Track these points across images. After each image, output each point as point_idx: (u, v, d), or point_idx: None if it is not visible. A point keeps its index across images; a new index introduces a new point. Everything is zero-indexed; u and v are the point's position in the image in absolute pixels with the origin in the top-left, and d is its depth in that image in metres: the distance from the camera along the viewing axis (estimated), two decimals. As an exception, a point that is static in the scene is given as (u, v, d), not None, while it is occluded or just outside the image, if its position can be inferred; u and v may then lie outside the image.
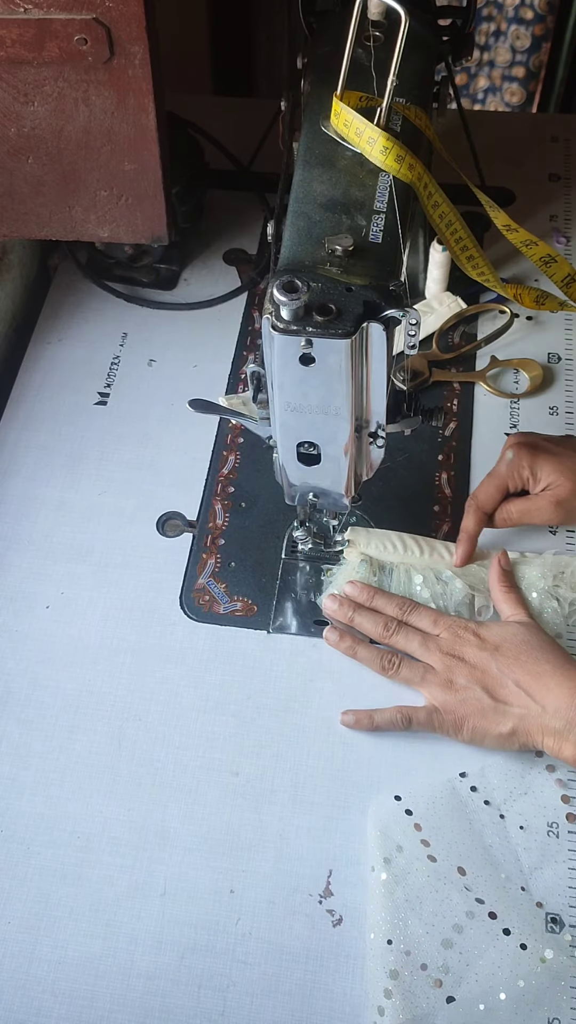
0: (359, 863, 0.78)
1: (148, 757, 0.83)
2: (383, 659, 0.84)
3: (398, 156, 0.70)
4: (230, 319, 1.11)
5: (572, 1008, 0.72)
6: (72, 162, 0.93)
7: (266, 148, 1.16)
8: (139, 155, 0.92)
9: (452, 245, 0.78)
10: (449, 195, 0.75)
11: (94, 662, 0.88)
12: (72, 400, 1.05)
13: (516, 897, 0.75)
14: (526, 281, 1.11)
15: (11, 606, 0.91)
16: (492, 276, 0.78)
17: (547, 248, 0.79)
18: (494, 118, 1.53)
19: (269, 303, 0.65)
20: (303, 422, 0.73)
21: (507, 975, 0.71)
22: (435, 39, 0.88)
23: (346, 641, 0.86)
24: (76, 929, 0.76)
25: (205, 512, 0.97)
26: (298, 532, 0.91)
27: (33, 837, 0.80)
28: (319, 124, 0.75)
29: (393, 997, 0.71)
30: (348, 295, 0.66)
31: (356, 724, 0.83)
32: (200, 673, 0.87)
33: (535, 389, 1.03)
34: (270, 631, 0.89)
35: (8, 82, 0.86)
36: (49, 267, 1.16)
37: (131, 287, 1.14)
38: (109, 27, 0.82)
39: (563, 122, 1.33)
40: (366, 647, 0.86)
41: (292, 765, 0.83)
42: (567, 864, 0.77)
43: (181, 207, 1.09)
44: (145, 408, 1.04)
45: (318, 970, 0.74)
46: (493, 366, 1.05)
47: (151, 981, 0.74)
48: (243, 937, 0.76)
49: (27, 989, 0.74)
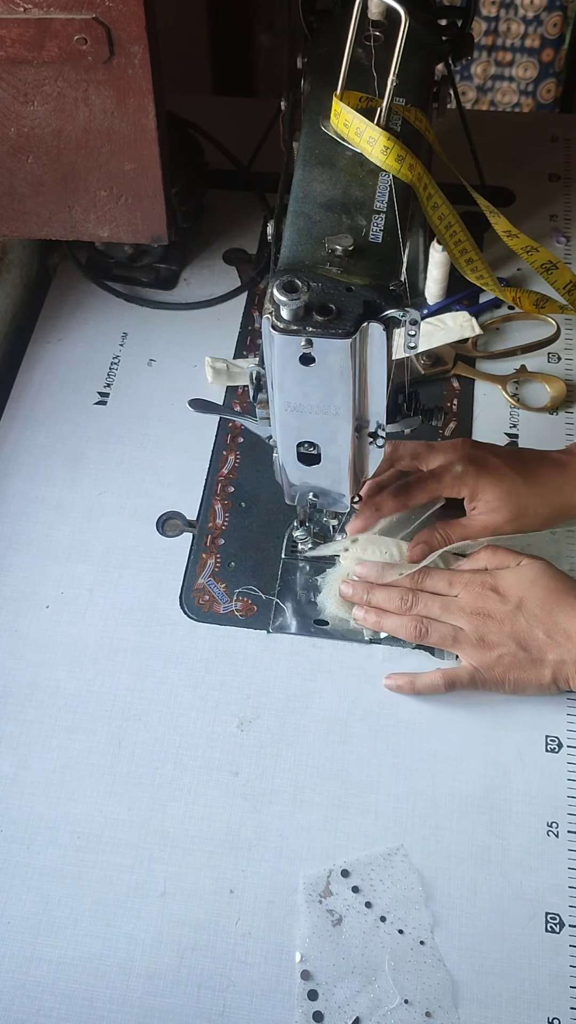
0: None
1: (148, 757, 0.83)
2: (412, 625, 0.85)
3: (398, 156, 0.70)
4: (230, 319, 1.11)
5: (572, 1008, 0.72)
6: (72, 162, 0.93)
7: (266, 148, 1.16)
8: (139, 155, 0.92)
9: (451, 248, 0.77)
10: (448, 195, 0.75)
11: (94, 662, 0.88)
12: (72, 400, 1.05)
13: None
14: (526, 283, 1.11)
15: (11, 606, 0.91)
16: (491, 280, 0.78)
17: (548, 254, 0.79)
18: (494, 118, 1.53)
19: (269, 303, 0.65)
20: (303, 422, 0.73)
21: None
22: (435, 39, 0.88)
23: (372, 616, 0.87)
24: (76, 929, 0.76)
25: (205, 512, 0.97)
26: (298, 532, 0.91)
27: (33, 837, 0.80)
28: (319, 124, 0.75)
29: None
30: (348, 295, 0.66)
31: (398, 689, 0.85)
32: (200, 673, 0.87)
33: (554, 407, 1.02)
34: (270, 631, 0.89)
35: (8, 82, 0.86)
36: (49, 267, 1.16)
37: (131, 287, 1.14)
38: (109, 27, 0.82)
39: (563, 122, 1.33)
40: (392, 617, 0.86)
41: (292, 765, 0.83)
42: (567, 864, 0.78)
43: (181, 207, 1.09)
44: (145, 408, 1.04)
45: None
46: (519, 375, 1.04)
47: (151, 981, 0.74)
48: (243, 937, 0.76)
49: (27, 989, 0.74)
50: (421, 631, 0.84)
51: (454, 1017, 0.72)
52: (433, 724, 0.84)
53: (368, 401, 0.72)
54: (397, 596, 0.86)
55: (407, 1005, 0.72)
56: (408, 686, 0.84)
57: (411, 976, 0.73)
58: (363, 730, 0.84)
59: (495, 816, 0.80)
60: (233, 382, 1.05)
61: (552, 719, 0.84)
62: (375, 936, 0.75)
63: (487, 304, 1.09)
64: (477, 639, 0.82)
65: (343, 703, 0.85)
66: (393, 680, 0.85)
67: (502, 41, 1.71)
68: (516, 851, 0.78)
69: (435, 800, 0.81)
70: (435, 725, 0.84)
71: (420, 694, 0.84)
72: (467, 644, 0.83)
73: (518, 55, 1.72)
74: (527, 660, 0.82)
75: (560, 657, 0.81)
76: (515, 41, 1.71)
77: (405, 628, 0.85)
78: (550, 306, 0.80)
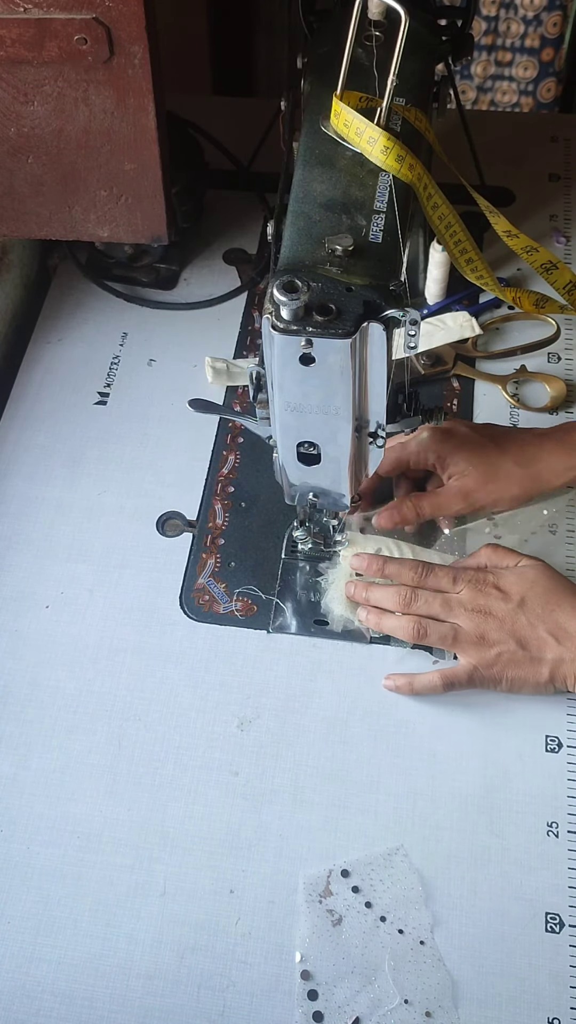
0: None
1: (148, 757, 0.83)
2: (410, 626, 0.84)
3: (398, 156, 0.70)
4: (230, 319, 1.11)
5: (572, 1008, 0.72)
6: (72, 162, 0.93)
7: (266, 148, 1.16)
8: (139, 155, 0.92)
9: (451, 248, 0.77)
10: (448, 195, 0.75)
11: (94, 662, 0.88)
12: (72, 400, 1.05)
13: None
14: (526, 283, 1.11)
15: (11, 606, 0.91)
16: (490, 280, 0.78)
17: (548, 254, 0.79)
18: (494, 118, 1.53)
19: (269, 303, 0.65)
20: (303, 422, 0.73)
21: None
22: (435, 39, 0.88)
23: (373, 616, 0.87)
24: (76, 929, 0.76)
25: (205, 512, 0.97)
26: (298, 532, 0.91)
27: (33, 837, 0.80)
28: (319, 124, 0.75)
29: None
30: (348, 295, 0.66)
31: (397, 689, 0.85)
32: (200, 673, 0.87)
33: (554, 407, 1.02)
34: (270, 631, 0.89)
35: (8, 82, 0.86)
36: (49, 267, 1.16)
37: (131, 287, 1.14)
38: (109, 27, 0.82)
39: (563, 122, 1.33)
40: (391, 617, 0.86)
41: (292, 765, 0.83)
42: (567, 864, 0.78)
43: (181, 207, 1.09)
44: (145, 408, 1.04)
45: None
46: (519, 375, 1.04)
47: (151, 981, 0.74)
48: (243, 937, 0.76)
49: (27, 989, 0.74)
50: (420, 631, 0.84)
51: (454, 1017, 0.72)
52: (433, 724, 0.84)
53: (368, 401, 0.72)
54: (398, 594, 0.85)
55: (407, 1005, 0.72)
56: (407, 687, 0.84)
57: (411, 976, 0.73)
58: (363, 730, 0.84)
59: (495, 816, 0.80)
60: (233, 382, 1.05)
61: (552, 719, 0.84)
62: (375, 936, 0.75)
63: (487, 304, 1.10)
64: (477, 636, 0.82)
65: (343, 703, 0.85)
66: (392, 681, 0.85)
67: (502, 41, 1.71)
68: (516, 851, 0.78)
69: (435, 800, 0.81)
70: (435, 725, 0.84)
71: (419, 694, 0.84)
72: (468, 642, 0.83)
73: (518, 55, 1.72)
74: (526, 658, 0.82)
75: (559, 656, 0.81)
76: (515, 41, 1.71)
77: (404, 629, 0.85)
78: (550, 306, 0.80)
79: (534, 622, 0.82)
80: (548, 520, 0.93)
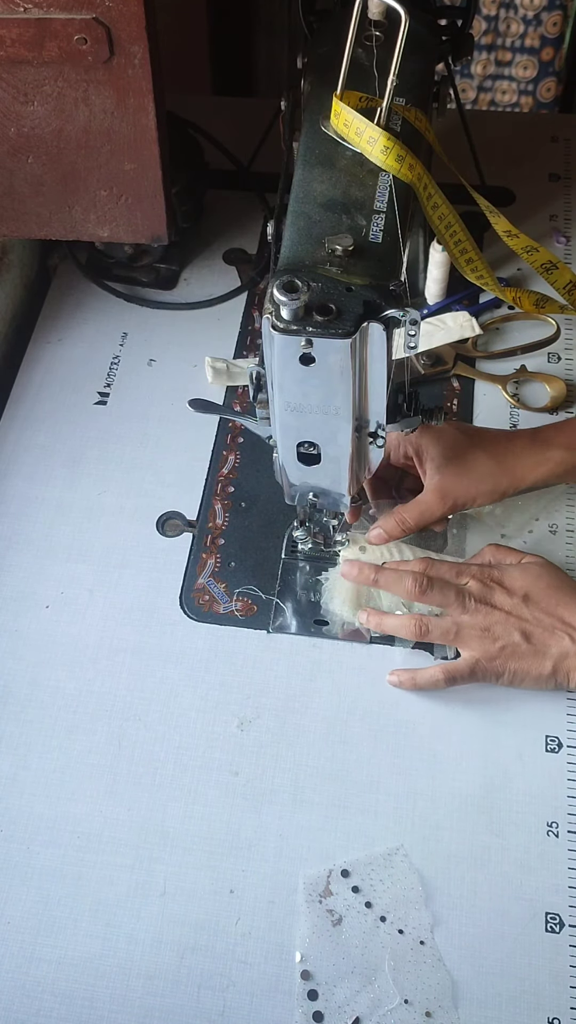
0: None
1: (148, 757, 0.83)
2: (412, 625, 0.84)
3: (398, 156, 0.70)
4: (230, 319, 1.11)
5: (572, 1008, 0.72)
6: (72, 162, 0.93)
7: (266, 148, 1.16)
8: (139, 155, 0.92)
9: (451, 248, 0.77)
10: (449, 195, 0.75)
11: (94, 662, 0.88)
12: (72, 400, 1.05)
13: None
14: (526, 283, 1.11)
15: (11, 606, 0.91)
16: (491, 280, 0.78)
17: (548, 254, 0.79)
18: (494, 118, 1.53)
19: (269, 303, 0.65)
20: (303, 422, 0.73)
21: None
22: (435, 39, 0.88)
23: (374, 617, 0.87)
24: (76, 929, 0.76)
25: (205, 512, 0.97)
26: (298, 532, 0.91)
27: (33, 837, 0.80)
28: (319, 124, 0.75)
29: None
30: (348, 295, 0.66)
31: (400, 684, 0.85)
32: (200, 673, 0.87)
33: (554, 407, 1.02)
34: (270, 631, 0.89)
35: (8, 82, 0.86)
36: (49, 267, 1.16)
37: (131, 287, 1.14)
38: (109, 27, 0.82)
39: (563, 122, 1.33)
40: (391, 617, 0.86)
41: (292, 765, 0.83)
42: (567, 864, 0.78)
43: (181, 207, 1.09)
44: (145, 408, 1.04)
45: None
46: (519, 375, 1.04)
47: (151, 981, 0.74)
48: (243, 937, 0.76)
49: (27, 989, 0.74)
50: (422, 629, 0.84)
51: (454, 1017, 0.72)
52: (433, 724, 0.84)
53: (368, 401, 0.72)
54: (409, 579, 0.84)
55: (407, 1005, 0.72)
56: (409, 682, 0.85)
57: (411, 976, 0.73)
58: (363, 730, 0.84)
59: (495, 816, 0.80)
60: (233, 382, 1.05)
61: (552, 719, 0.84)
62: (375, 936, 0.75)
63: (487, 304, 1.10)
64: (482, 629, 0.82)
65: (343, 703, 0.85)
66: (395, 676, 0.85)
67: (502, 40, 1.71)
68: (516, 851, 0.78)
69: (435, 800, 0.81)
70: (435, 725, 0.84)
71: (421, 689, 0.85)
72: (472, 636, 0.83)
73: (518, 54, 1.72)
74: (529, 651, 0.82)
75: (563, 650, 0.82)
76: (515, 40, 1.71)
77: (406, 627, 0.85)
78: (550, 306, 0.80)
79: (539, 616, 0.82)
80: (541, 513, 0.93)
